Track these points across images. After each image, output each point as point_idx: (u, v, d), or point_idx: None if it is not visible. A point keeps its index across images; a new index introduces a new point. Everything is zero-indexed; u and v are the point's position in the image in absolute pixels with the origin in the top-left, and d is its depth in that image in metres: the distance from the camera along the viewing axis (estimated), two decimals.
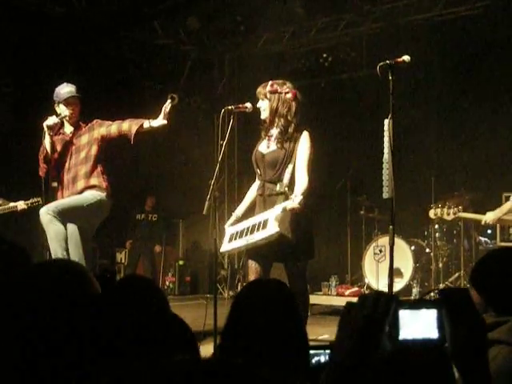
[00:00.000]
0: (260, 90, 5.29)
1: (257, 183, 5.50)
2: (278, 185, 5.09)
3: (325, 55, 10.84)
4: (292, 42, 11.07)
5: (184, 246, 12.63)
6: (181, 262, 11.97)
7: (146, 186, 12.07)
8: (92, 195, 6.17)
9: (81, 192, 6.17)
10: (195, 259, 12.00)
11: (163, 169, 12.09)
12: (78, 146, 6.27)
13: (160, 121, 5.95)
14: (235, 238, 5.29)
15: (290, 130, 5.15)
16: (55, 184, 6.36)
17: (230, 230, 5.43)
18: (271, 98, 5.21)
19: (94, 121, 6.37)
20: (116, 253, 12.09)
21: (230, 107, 5.37)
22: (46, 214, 5.90)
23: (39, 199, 7.38)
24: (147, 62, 11.37)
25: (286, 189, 5.02)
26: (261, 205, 5.24)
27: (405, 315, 1.59)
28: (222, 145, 5.26)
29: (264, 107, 5.27)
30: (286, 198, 4.96)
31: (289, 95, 5.20)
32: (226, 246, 5.41)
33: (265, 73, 9.75)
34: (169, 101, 5.89)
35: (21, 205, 7.77)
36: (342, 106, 10.92)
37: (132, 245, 11.74)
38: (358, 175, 9.93)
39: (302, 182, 5.04)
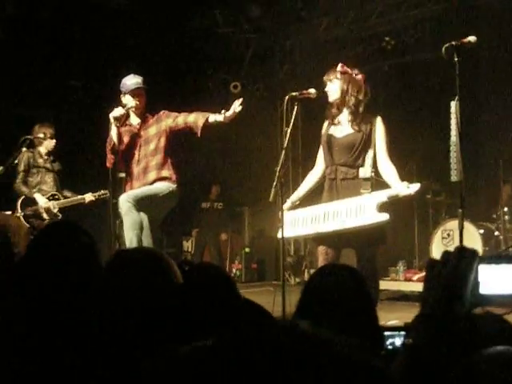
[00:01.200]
0: (328, 73, 5.29)
1: (317, 170, 5.48)
2: (361, 170, 5.08)
3: (387, 38, 10.68)
4: (353, 26, 10.94)
5: (250, 234, 12.69)
6: (247, 250, 12.03)
7: (210, 175, 12.16)
8: (165, 186, 6.24)
9: (152, 183, 6.24)
10: (261, 246, 12.03)
11: (227, 157, 12.16)
12: (147, 137, 6.33)
13: (226, 116, 5.93)
14: (302, 224, 5.28)
15: (361, 109, 5.15)
16: (122, 175, 6.43)
17: (289, 215, 5.41)
18: (342, 78, 5.21)
19: (161, 112, 6.41)
20: (182, 241, 12.24)
21: (294, 93, 5.35)
22: (126, 201, 5.97)
23: (107, 191, 7.47)
24: (209, 51, 11.42)
25: (373, 174, 5.02)
26: (332, 189, 5.20)
27: (484, 270, 1.57)
28: (286, 131, 5.24)
29: (333, 89, 5.26)
30: (373, 184, 4.97)
31: (359, 76, 5.21)
32: (290, 231, 5.39)
33: (327, 58, 9.70)
34: (239, 101, 5.90)
35: (89, 197, 7.88)
36: (406, 89, 10.77)
37: (198, 233, 11.88)
38: (424, 158, 9.79)
39: (393, 169, 5.06)
